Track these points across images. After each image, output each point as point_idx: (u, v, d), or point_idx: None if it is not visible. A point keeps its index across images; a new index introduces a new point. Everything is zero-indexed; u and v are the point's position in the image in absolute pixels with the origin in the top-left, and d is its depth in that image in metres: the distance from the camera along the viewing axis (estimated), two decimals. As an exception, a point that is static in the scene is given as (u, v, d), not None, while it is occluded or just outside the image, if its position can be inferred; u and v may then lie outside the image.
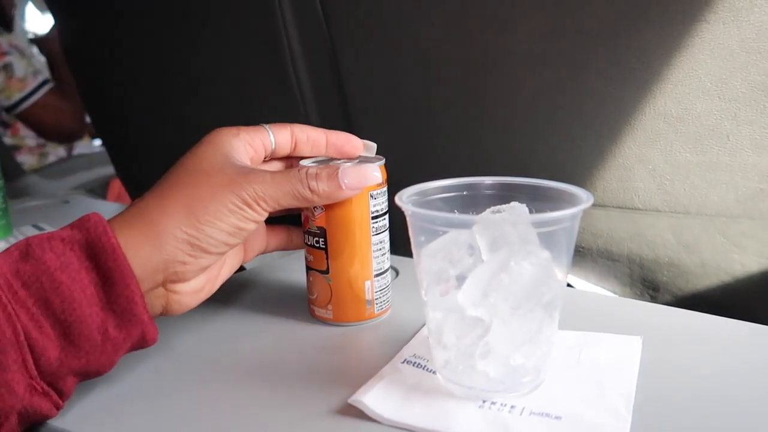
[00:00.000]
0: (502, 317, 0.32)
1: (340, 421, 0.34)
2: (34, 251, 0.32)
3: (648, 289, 0.58)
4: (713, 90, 0.46)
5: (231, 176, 0.37)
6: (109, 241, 0.33)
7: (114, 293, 0.32)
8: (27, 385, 0.30)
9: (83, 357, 0.32)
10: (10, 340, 0.29)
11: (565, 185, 0.36)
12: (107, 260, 0.32)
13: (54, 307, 0.31)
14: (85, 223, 0.34)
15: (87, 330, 0.32)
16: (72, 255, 0.32)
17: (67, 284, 0.31)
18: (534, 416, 0.33)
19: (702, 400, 0.34)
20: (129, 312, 0.33)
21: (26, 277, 0.31)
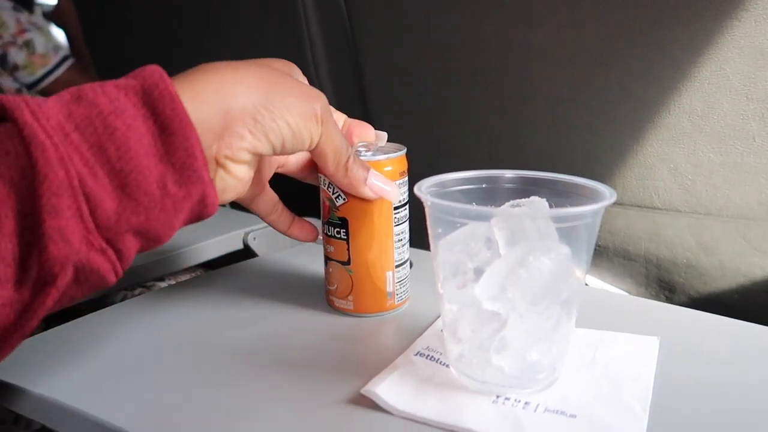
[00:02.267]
0: (519, 312, 0.32)
1: (352, 411, 0.34)
2: (87, 94, 0.29)
3: (664, 290, 0.57)
4: (741, 89, 0.45)
5: (309, 91, 0.36)
6: (167, 88, 0.30)
7: (173, 145, 0.29)
8: (83, 237, 0.27)
9: (142, 213, 0.29)
10: (63, 183, 0.26)
11: (587, 180, 0.36)
12: (165, 108, 0.29)
13: (109, 154, 0.28)
14: (141, 72, 0.31)
15: (145, 182, 0.29)
16: (127, 101, 0.29)
17: (123, 131, 0.28)
18: (548, 413, 0.32)
19: (719, 403, 0.34)
20: (189, 167, 0.30)
21: (79, 119, 0.28)
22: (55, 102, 0.28)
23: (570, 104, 0.54)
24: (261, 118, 0.33)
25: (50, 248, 0.26)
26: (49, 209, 0.26)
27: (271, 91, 0.34)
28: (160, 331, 0.44)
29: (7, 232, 0.26)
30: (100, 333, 0.44)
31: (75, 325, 0.45)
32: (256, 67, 0.35)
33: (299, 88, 0.36)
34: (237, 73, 0.33)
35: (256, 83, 0.33)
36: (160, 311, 0.47)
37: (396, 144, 0.45)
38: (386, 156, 0.42)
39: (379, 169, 0.42)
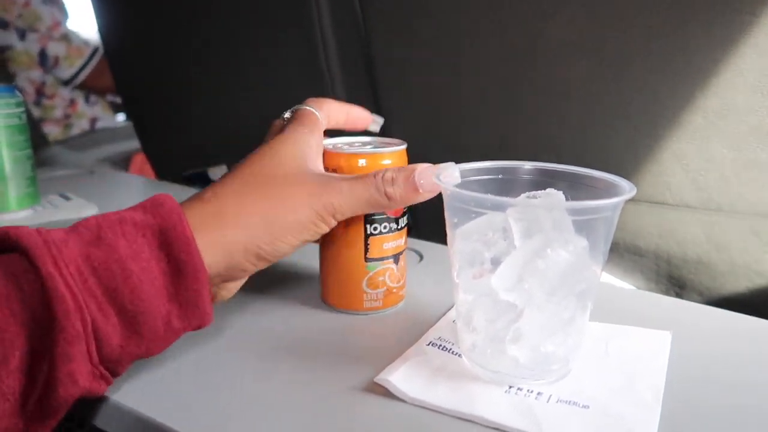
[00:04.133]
0: (536, 303, 0.32)
1: (365, 399, 0.34)
2: (107, 235, 0.31)
3: (674, 287, 0.57)
4: (756, 86, 0.45)
5: (310, 188, 0.36)
6: (183, 232, 0.32)
7: (183, 285, 0.32)
8: (89, 373, 0.30)
9: (144, 345, 0.31)
10: (79, 333, 0.29)
11: (605, 174, 0.36)
12: (180, 252, 0.31)
13: (122, 297, 0.30)
14: (159, 208, 0.32)
15: (152, 320, 0.31)
16: (144, 242, 0.31)
17: (138, 274, 0.30)
18: (561, 404, 0.32)
19: (730, 397, 0.34)
20: (194, 304, 0.32)
21: (97, 263, 0.30)
22: (76, 241, 0.30)
23: (582, 99, 0.54)
24: (264, 254, 0.35)
25: (60, 390, 0.28)
26: (63, 357, 0.28)
27: (271, 224, 0.35)
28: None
29: (13, 369, 0.28)
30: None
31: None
32: (253, 186, 0.36)
33: (299, 196, 0.36)
34: (238, 210, 0.35)
35: (255, 221, 0.35)
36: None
37: (396, 139, 0.45)
38: (386, 149, 0.42)
39: (377, 162, 0.41)
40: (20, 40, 1.46)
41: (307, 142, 0.39)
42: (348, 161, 0.41)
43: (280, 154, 0.37)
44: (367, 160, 0.41)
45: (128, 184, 0.97)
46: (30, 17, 1.45)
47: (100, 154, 1.53)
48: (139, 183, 0.98)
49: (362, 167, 0.41)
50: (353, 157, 0.41)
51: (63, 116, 1.60)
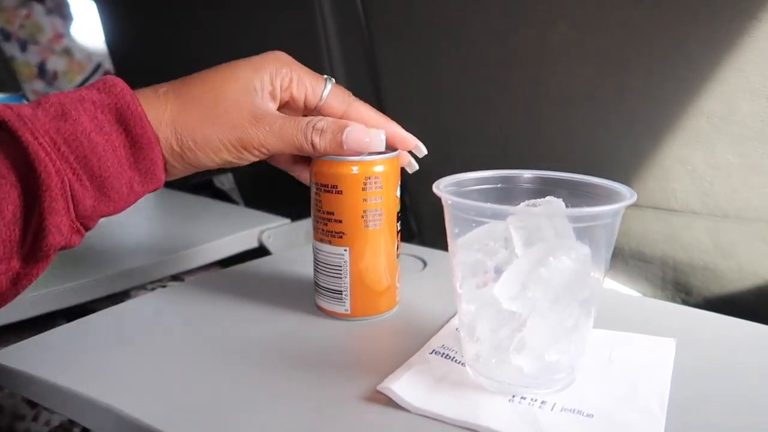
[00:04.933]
0: (539, 312, 0.32)
1: (368, 407, 0.34)
2: (70, 111, 0.35)
3: (680, 293, 0.57)
4: (760, 90, 0.45)
5: (241, 118, 0.39)
6: (136, 109, 0.36)
7: (140, 156, 0.37)
8: (69, 226, 0.35)
9: (111, 205, 0.37)
10: (60, 191, 0.34)
11: (606, 181, 0.35)
12: (135, 126, 0.36)
13: (92, 164, 0.35)
14: (112, 88, 0.37)
15: (117, 184, 0.36)
16: (103, 118, 0.36)
17: (102, 145, 0.35)
18: (566, 412, 0.32)
19: (736, 405, 0.34)
20: (151, 173, 0.38)
21: (67, 134, 0.34)
22: (43, 116, 0.35)
23: (587, 104, 0.54)
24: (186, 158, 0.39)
25: (49, 238, 0.34)
26: (50, 210, 0.34)
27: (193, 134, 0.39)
28: (180, 326, 0.44)
29: (8, 221, 0.33)
30: (118, 326, 0.45)
31: (94, 318, 0.46)
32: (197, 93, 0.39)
33: (228, 120, 0.39)
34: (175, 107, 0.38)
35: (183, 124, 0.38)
36: (177, 307, 0.48)
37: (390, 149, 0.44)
38: (378, 157, 0.42)
39: (369, 170, 0.41)
40: (21, 52, 1.46)
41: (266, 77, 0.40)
42: (338, 168, 0.41)
43: (235, 78, 0.40)
44: (360, 167, 0.41)
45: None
46: (31, 28, 1.46)
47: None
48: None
49: (353, 174, 0.41)
50: (344, 165, 0.41)
51: None
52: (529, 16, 0.54)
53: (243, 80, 0.40)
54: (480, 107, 0.61)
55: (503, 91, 0.58)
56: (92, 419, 0.36)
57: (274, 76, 0.40)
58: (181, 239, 0.67)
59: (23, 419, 0.66)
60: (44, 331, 0.44)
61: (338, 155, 0.41)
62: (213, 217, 0.78)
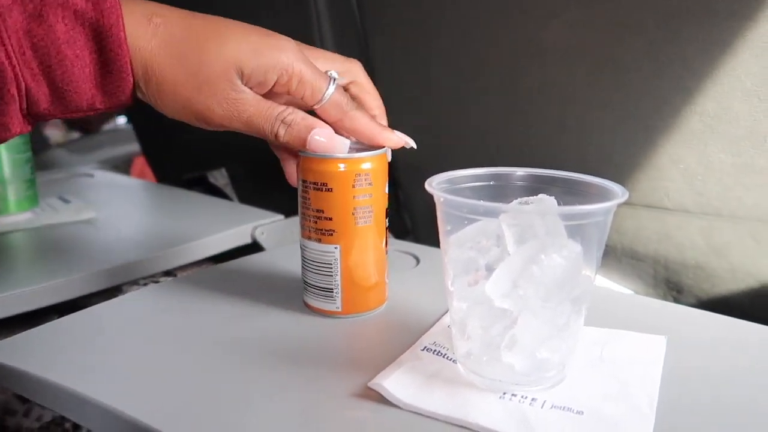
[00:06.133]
0: (531, 310, 0.32)
1: (359, 404, 0.34)
2: (48, 15, 0.34)
3: (672, 291, 0.57)
4: (753, 90, 0.45)
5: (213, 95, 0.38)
6: (118, 33, 0.35)
7: (109, 78, 0.36)
8: (20, 123, 0.36)
9: (68, 113, 0.37)
10: (13, 95, 0.35)
11: (598, 179, 0.36)
12: (111, 51, 0.35)
13: (54, 75, 0.35)
14: (102, 2, 0.35)
15: (78, 99, 0.36)
16: (81, 32, 0.35)
17: (71, 59, 0.35)
18: (555, 410, 0.32)
19: (726, 403, 0.34)
20: (116, 95, 0.37)
21: (36, 39, 0.34)
22: (19, 12, 0.34)
23: (580, 103, 0.54)
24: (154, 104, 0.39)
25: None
26: (2, 111, 0.35)
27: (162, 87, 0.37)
28: (171, 322, 0.44)
29: None
30: (110, 322, 0.44)
31: (85, 314, 0.46)
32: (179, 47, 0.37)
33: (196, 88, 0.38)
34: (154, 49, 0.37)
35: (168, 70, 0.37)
36: (169, 303, 0.48)
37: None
38: (366, 153, 0.42)
39: (329, 167, 0.41)
40: None
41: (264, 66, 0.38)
42: (327, 166, 0.41)
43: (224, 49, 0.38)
44: (347, 164, 0.41)
45: (128, 187, 0.97)
46: None
47: (102, 156, 1.53)
48: (138, 186, 0.98)
49: (342, 172, 0.41)
50: (332, 162, 0.41)
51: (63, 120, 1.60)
52: (523, 15, 0.54)
53: (235, 60, 0.37)
54: (473, 105, 0.61)
55: (497, 89, 0.58)
56: (83, 415, 0.36)
57: (270, 69, 0.38)
58: (174, 235, 0.67)
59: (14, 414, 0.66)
60: (36, 326, 0.44)
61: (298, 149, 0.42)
62: (206, 212, 0.78)
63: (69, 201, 0.76)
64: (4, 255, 0.63)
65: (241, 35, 0.38)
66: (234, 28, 0.39)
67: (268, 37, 0.39)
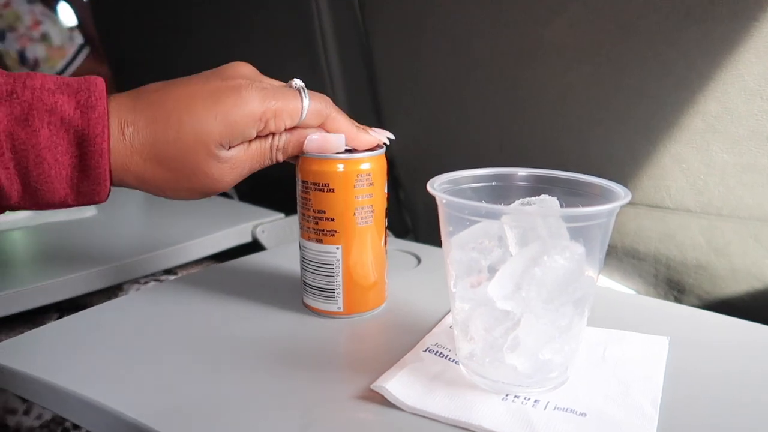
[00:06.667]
0: (533, 311, 0.32)
1: (361, 406, 0.34)
2: (34, 120, 0.35)
3: (673, 291, 0.57)
4: (756, 90, 0.45)
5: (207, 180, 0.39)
6: (102, 144, 0.36)
7: (85, 183, 0.37)
8: None
9: (36, 208, 0.38)
10: None
11: (601, 180, 0.35)
12: (91, 159, 0.36)
13: (30, 176, 0.35)
14: (90, 112, 0.35)
15: (50, 197, 0.37)
16: (64, 138, 0.35)
17: (49, 162, 0.35)
18: (558, 411, 0.32)
19: (729, 404, 0.34)
20: (91, 197, 0.38)
21: (17, 143, 0.35)
22: (5, 116, 0.34)
23: (582, 102, 0.54)
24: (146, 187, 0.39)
25: None
26: None
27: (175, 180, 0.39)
28: (170, 323, 0.44)
29: None
30: (110, 323, 0.44)
31: (86, 314, 0.46)
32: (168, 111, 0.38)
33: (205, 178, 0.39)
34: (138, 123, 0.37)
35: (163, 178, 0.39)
36: (170, 303, 0.48)
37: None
38: (364, 154, 0.42)
39: (330, 168, 0.41)
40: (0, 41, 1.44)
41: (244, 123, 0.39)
42: (326, 166, 0.41)
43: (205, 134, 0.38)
44: (345, 165, 0.41)
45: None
46: (10, 17, 1.43)
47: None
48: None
49: (343, 172, 0.41)
50: (331, 162, 0.41)
51: None
52: (524, 15, 0.53)
53: (212, 141, 0.38)
54: (475, 105, 0.61)
55: (499, 89, 0.58)
56: (82, 416, 0.36)
57: (246, 129, 0.39)
58: (175, 233, 0.66)
59: (15, 413, 0.66)
60: (37, 324, 0.44)
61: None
62: (206, 211, 0.77)
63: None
64: (4, 253, 0.62)
65: (203, 111, 0.38)
66: (195, 106, 0.38)
67: (227, 95, 0.38)
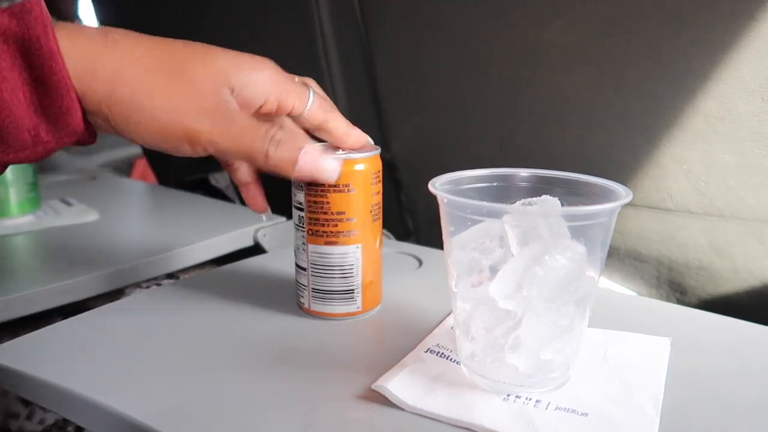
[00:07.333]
0: (535, 311, 0.32)
1: (362, 406, 0.34)
2: None
3: (675, 292, 0.57)
4: (757, 90, 0.45)
5: (202, 103, 0.34)
6: (48, 44, 0.30)
7: (48, 99, 0.31)
8: None
9: (12, 153, 0.31)
10: None
11: (603, 180, 0.35)
12: (43, 64, 0.30)
13: None
14: (26, 15, 0.30)
15: (16, 132, 0.31)
16: (5, 50, 0.30)
17: None
18: (560, 411, 0.32)
19: (731, 405, 0.34)
20: (63, 121, 0.31)
21: None
22: None
23: (583, 103, 0.54)
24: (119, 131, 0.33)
25: None
26: None
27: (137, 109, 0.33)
28: (174, 324, 0.44)
29: None
30: (112, 325, 0.44)
31: (88, 316, 0.46)
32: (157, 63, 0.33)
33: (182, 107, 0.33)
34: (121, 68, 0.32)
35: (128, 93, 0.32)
36: (172, 304, 0.48)
37: (373, 145, 0.44)
38: (359, 154, 0.42)
39: (350, 168, 0.41)
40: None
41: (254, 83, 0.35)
42: (349, 166, 0.41)
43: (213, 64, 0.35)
44: (365, 164, 0.41)
45: (129, 189, 0.97)
46: None
47: (103, 159, 1.53)
48: (140, 188, 0.98)
49: (360, 171, 0.41)
50: (351, 162, 0.41)
51: None
52: (525, 15, 0.54)
53: (222, 71, 0.34)
54: (476, 106, 0.61)
55: (500, 89, 0.58)
56: (86, 418, 0.36)
57: (260, 85, 0.36)
58: (176, 237, 0.66)
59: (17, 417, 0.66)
60: (39, 328, 0.44)
61: (286, 175, 0.38)
62: (208, 215, 0.78)
63: (71, 203, 0.76)
64: (7, 258, 0.63)
65: (223, 52, 0.35)
66: (207, 46, 0.35)
67: (252, 59, 0.37)
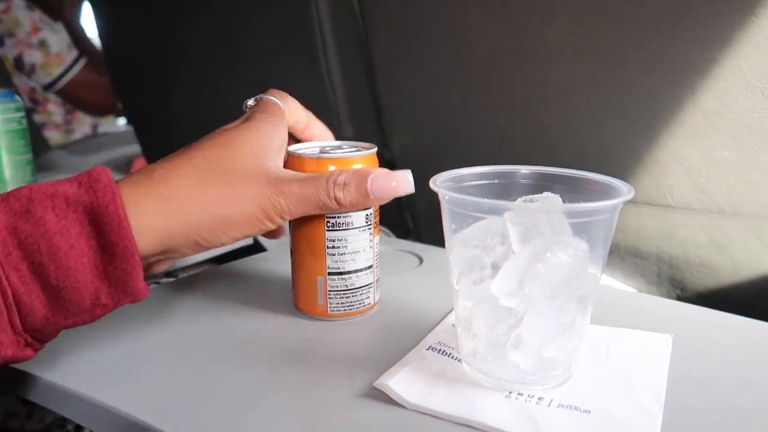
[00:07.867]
0: (536, 308, 0.32)
1: (364, 404, 0.34)
2: (36, 209, 0.30)
3: (676, 289, 0.57)
4: (757, 86, 0.45)
5: (262, 185, 0.36)
6: (116, 211, 0.31)
7: (112, 264, 0.31)
8: (12, 341, 0.31)
9: (71, 318, 0.32)
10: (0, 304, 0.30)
11: (603, 177, 0.35)
12: (111, 232, 0.31)
13: (48, 273, 0.30)
14: (94, 184, 0.32)
15: (78, 296, 0.31)
16: (74, 219, 0.31)
17: (65, 251, 0.30)
18: (562, 408, 0.32)
19: (732, 400, 0.34)
20: (125, 284, 0.32)
21: (23, 236, 0.30)
22: (4, 212, 0.30)
23: (583, 100, 0.54)
24: (204, 243, 0.35)
25: None
26: None
27: (214, 217, 0.34)
28: (174, 323, 0.44)
29: None
30: (111, 324, 0.44)
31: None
32: (204, 175, 0.35)
33: (248, 193, 0.35)
34: (184, 196, 0.34)
35: (199, 213, 0.34)
36: (172, 304, 0.48)
37: (367, 143, 0.44)
38: (356, 154, 0.42)
39: (347, 167, 0.41)
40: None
41: (270, 135, 0.37)
42: (317, 166, 0.41)
43: (240, 145, 0.36)
44: (337, 165, 0.41)
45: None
46: (10, 23, 1.44)
47: (102, 158, 1.53)
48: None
49: (332, 173, 0.41)
50: (322, 162, 0.41)
51: (64, 121, 1.60)
52: (525, 13, 0.53)
53: (250, 144, 0.36)
54: (477, 104, 0.61)
55: (500, 87, 0.58)
56: (84, 416, 0.36)
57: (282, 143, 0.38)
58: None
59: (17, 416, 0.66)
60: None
61: (363, 207, 0.40)
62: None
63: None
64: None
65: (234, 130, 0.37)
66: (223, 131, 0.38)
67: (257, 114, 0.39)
